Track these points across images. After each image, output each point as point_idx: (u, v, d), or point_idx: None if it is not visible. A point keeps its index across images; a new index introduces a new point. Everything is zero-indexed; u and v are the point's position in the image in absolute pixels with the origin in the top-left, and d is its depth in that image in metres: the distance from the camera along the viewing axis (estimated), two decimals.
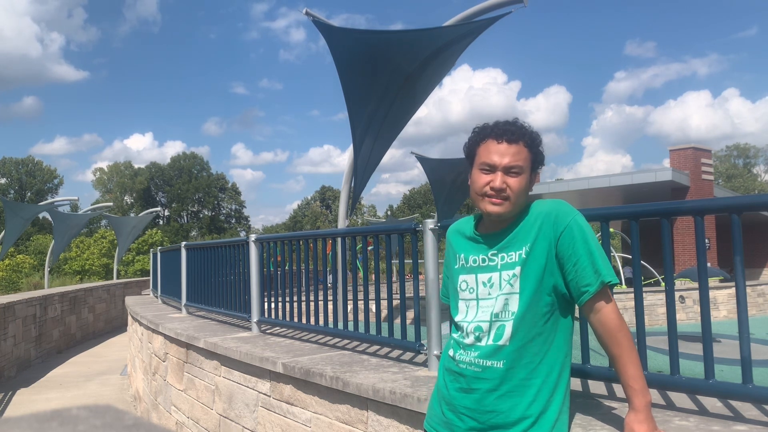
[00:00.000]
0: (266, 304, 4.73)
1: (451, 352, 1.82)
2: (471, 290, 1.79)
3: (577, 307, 1.78)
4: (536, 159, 1.78)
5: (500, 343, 1.69)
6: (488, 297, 1.74)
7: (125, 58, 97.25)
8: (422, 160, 17.13)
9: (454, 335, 1.83)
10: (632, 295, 2.32)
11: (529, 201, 1.80)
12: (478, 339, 1.73)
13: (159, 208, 61.97)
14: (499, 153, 1.72)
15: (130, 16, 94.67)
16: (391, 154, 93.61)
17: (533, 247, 1.69)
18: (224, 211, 72.06)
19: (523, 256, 1.70)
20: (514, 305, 1.69)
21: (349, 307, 4.07)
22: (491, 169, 1.73)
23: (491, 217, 1.76)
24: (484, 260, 1.77)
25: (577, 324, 2.23)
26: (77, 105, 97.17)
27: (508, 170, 1.72)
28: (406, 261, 20.28)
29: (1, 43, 76.27)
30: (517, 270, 1.69)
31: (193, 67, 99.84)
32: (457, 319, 1.82)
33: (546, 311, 1.69)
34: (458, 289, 1.83)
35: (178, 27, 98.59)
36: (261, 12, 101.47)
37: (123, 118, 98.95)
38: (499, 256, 1.74)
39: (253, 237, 4.81)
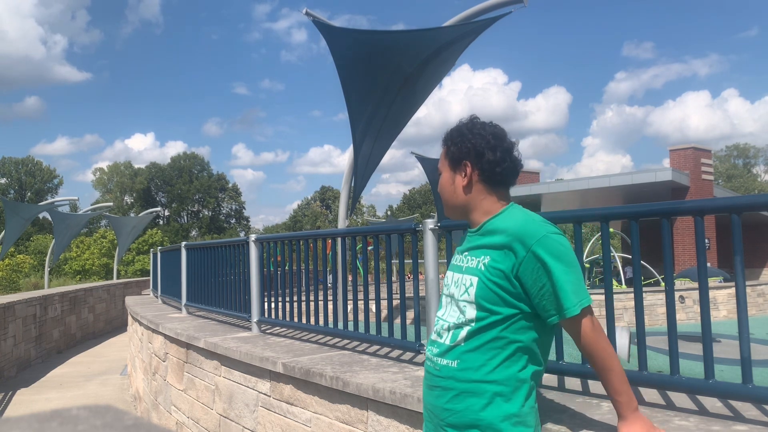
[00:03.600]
0: (266, 304, 4.73)
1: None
2: (447, 287, 1.81)
3: None
4: (452, 153, 1.78)
5: (455, 343, 1.68)
6: (454, 297, 1.75)
7: (127, 60, 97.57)
8: (422, 160, 17.13)
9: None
10: (632, 295, 2.32)
11: (497, 202, 1.78)
12: (439, 335, 1.74)
13: (159, 208, 61.96)
14: None
15: (132, 18, 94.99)
16: (391, 154, 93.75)
17: (491, 263, 1.65)
18: (224, 211, 72.09)
19: (481, 267, 1.67)
20: (472, 313, 1.66)
21: (349, 307, 4.07)
22: None
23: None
24: (459, 260, 1.80)
25: None
26: (79, 106, 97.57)
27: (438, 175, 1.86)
28: (406, 261, 20.28)
29: (6, 45, 76.63)
30: (474, 280, 1.67)
31: (195, 68, 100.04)
32: (437, 314, 1.86)
33: (506, 320, 1.64)
34: (444, 283, 1.88)
35: (180, 28, 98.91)
36: (263, 13, 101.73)
37: (124, 118, 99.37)
38: (467, 258, 1.75)
39: (253, 237, 4.81)
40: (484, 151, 1.72)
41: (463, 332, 1.67)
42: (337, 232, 4.38)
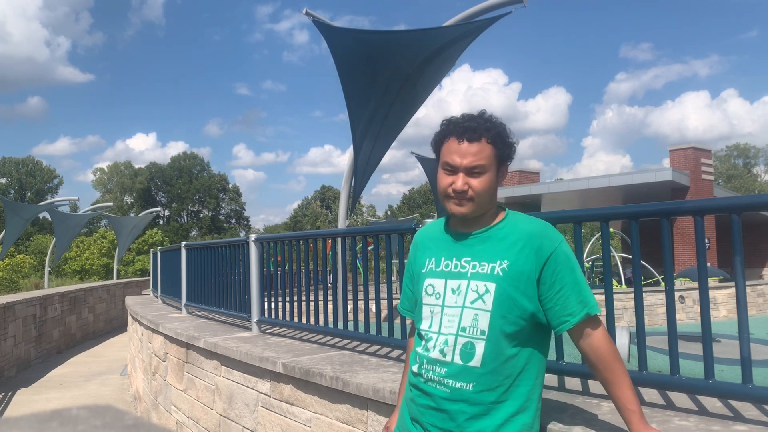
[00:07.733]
0: (266, 304, 4.73)
1: (415, 368, 1.70)
2: (437, 296, 1.68)
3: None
4: (503, 154, 1.66)
5: (470, 364, 1.59)
6: (454, 305, 1.64)
7: (130, 61, 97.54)
8: (422, 160, 17.14)
9: (418, 349, 1.71)
10: (632, 295, 2.32)
11: (499, 203, 1.75)
12: (443, 354, 1.62)
13: (159, 208, 61.97)
14: (460, 153, 1.62)
15: (135, 20, 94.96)
16: (391, 155, 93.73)
17: (512, 267, 1.60)
18: (224, 212, 72.10)
19: (499, 273, 1.60)
20: (485, 323, 1.59)
21: (349, 307, 4.07)
22: (453, 170, 1.64)
23: (457, 217, 1.71)
24: (456, 266, 1.67)
25: None
26: (81, 107, 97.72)
27: (469, 171, 1.63)
28: (405, 261, 20.24)
29: (10, 47, 77.00)
30: (491, 286, 1.60)
31: (197, 69, 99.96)
32: (421, 327, 1.72)
33: (520, 333, 1.62)
34: (423, 292, 1.72)
35: (182, 29, 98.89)
36: (265, 14, 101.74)
37: (126, 119, 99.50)
38: (471, 263, 1.65)
39: (253, 237, 4.81)
40: (513, 154, 1.72)
41: (479, 350, 1.59)
42: (337, 232, 4.38)
